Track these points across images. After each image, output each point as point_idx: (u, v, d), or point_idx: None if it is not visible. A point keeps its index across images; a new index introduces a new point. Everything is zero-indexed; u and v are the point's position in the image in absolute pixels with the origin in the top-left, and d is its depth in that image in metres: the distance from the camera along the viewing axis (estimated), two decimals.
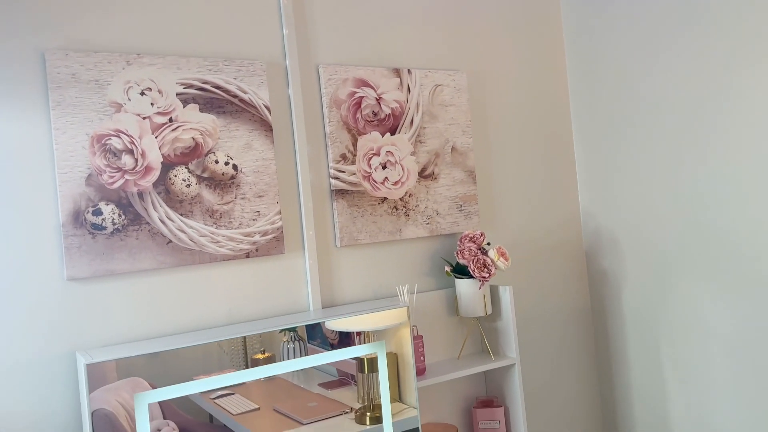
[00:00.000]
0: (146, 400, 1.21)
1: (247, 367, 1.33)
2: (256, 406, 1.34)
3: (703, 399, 1.80)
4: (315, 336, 1.44)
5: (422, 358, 1.64)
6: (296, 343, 1.40)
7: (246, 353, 1.34)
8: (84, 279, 1.32)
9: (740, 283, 1.69)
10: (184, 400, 1.25)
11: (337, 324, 1.46)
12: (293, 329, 1.40)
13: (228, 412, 1.31)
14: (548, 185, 2.06)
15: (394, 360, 1.55)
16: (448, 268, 1.75)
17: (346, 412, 1.45)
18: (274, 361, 1.37)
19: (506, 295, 1.74)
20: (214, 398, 1.29)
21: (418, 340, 1.64)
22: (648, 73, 1.86)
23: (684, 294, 1.83)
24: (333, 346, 1.47)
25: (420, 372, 1.63)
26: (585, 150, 2.09)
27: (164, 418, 1.22)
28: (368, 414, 1.48)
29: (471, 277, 1.71)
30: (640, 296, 1.95)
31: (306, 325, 1.42)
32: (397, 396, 1.53)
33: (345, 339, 1.49)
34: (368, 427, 1.47)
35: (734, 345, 1.71)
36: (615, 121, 1.98)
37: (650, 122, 1.87)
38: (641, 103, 1.89)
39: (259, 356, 1.36)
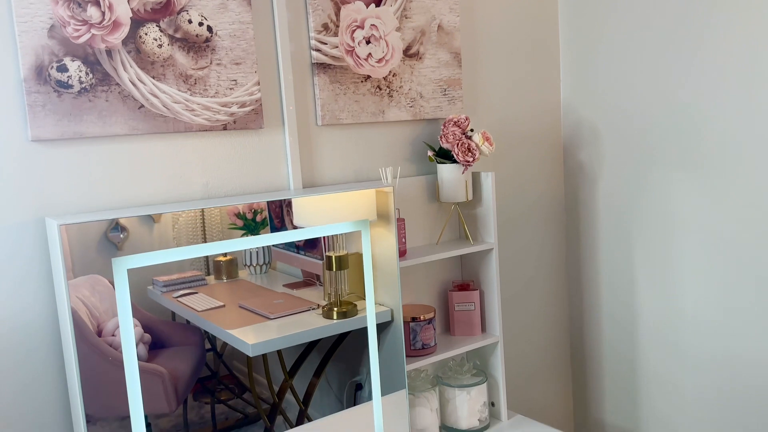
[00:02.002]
0: (125, 266, 1.17)
1: (209, 272, 1.30)
2: (221, 304, 1.33)
3: (672, 290, 1.87)
4: None
5: (404, 240, 1.63)
6: (260, 247, 1.37)
7: (207, 256, 1.31)
8: (50, 141, 1.23)
9: (716, 176, 1.71)
10: (145, 299, 1.22)
11: (306, 218, 1.41)
12: (256, 232, 1.36)
13: (192, 309, 1.29)
14: (532, 75, 2.01)
15: (361, 260, 1.54)
16: (431, 153, 1.72)
17: (313, 308, 1.46)
18: (236, 265, 1.34)
19: (488, 181, 1.72)
20: (177, 297, 1.27)
21: (400, 222, 1.63)
22: None
23: (659, 187, 1.85)
24: (299, 249, 1.44)
25: (401, 254, 1.62)
26: (570, 40, 2.03)
27: None
28: (335, 309, 1.48)
29: (454, 162, 1.69)
30: (614, 189, 1.97)
31: (271, 229, 1.37)
32: (363, 293, 1.53)
33: (312, 241, 1.47)
34: (335, 321, 1.48)
35: (706, 237, 1.76)
36: (601, 10, 1.91)
37: (638, 13, 1.82)
38: None
39: (222, 258, 1.33)
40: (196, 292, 1.29)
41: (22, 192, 1.21)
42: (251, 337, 1.35)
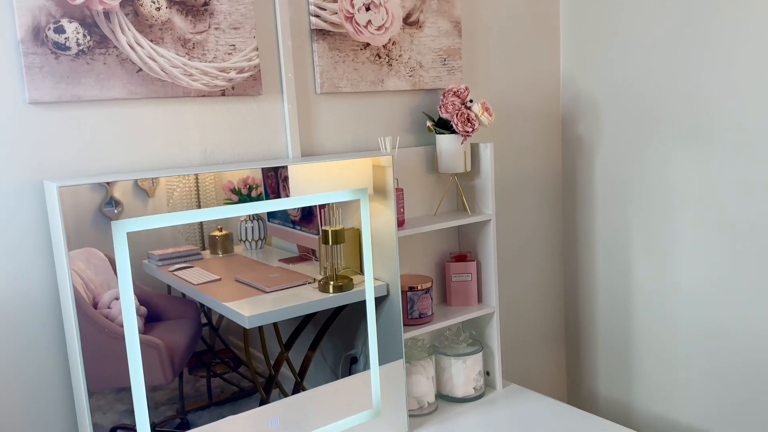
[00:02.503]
0: (124, 229, 1.17)
1: (204, 247, 1.30)
2: (217, 277, 1.32)
3: (668, 262, 1.88)
4: (275, 214, 1.41)
5: (402, 210, 1.64)
6: (255, 222, 1.37)
7: (202, 230, 1.30)
8: (48, 103, 1.22)
9: (715, 150, 1.72)
10: (141, 273, 1.21)
11: (303, 200, 1.41)
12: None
13: (188, 282, 1.29)
14: (532, 47, 2.00)
15: (357, 235, 1.54)
16: (430, 123, 1.72)
17: (309, 282, 1.46)
18: (232, 240, 1.34)
19: (487, 152, 1.72)
20: (173, 270, 1.27)
21: (398, 192, 1.63)
22: None
23: (657, 160, 1.86)
24: (295, 224, 1.44)
25: (400, 224, 1.63)
26: (570, 11, 2.01)
27: None
28: (331, 283, 1.49)
29: (453, 132, 1.68)
30: (612, 162, 1.98)
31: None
32: (359, 268, 1.54)
33: (308, 216, 1.46)
34: (331, 294, 1.48)
35: (703, 210, 1.77)
36: None
37: None
38: None
39: (217, 233, 1.32)
40: (192, 266, 1.29)
41: (19, 154, 1.21)
42: (247, 309, 1.35)
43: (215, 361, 1.34)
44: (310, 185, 1.43)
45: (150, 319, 1.24)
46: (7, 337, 1.22)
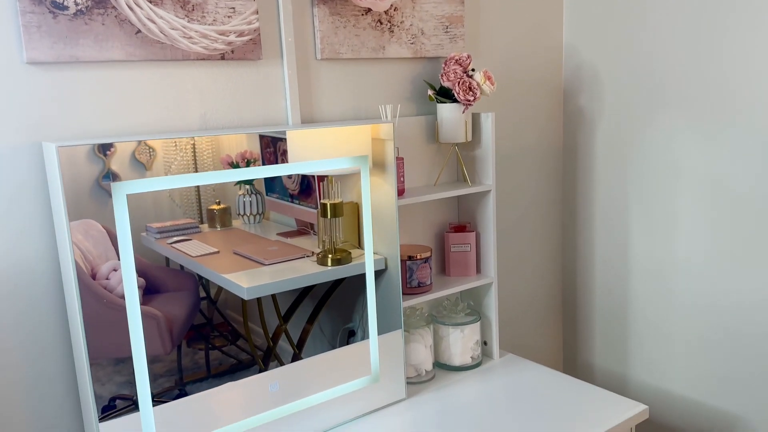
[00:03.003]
0: (124, 191, 1.16)
1: (202, 220, 1.29)
2: (216, 250, 1.32)
3: (667, 235, 1.88)
4: (273, 188, 1.40)
5: (402, 179, 1.63)
6: (253, 196, 1.37)
7: (200, 204, 1.30)
8: (46, 63, 1.20)
9: (717, 122, 1.71)
10: (139, 245, 1.21)
11: (303, 166, 1.40)
12: (250, 182, 1.35)
13: (186, 254, 1.29)
14: (534, 16, 1.97)
15: (355, 210, 1.54)
16: (431, 92, 1.70)
17: (308, 256, 1.46)
18: (230, 214, 1.34)
19: (488, 121, 1.71)
20: (171, 243, 1.27)
21: (399, 161, 1.62)
22: None
23: (658, 132, 1.85)
24: (293, 198, 1.44)
25: (400, 193, 1.62)
26: None
27: (119, 259, 1.18)
28: (330, 256, 1.49)
29: (454, 101, 1.67)
30: (613, 133, 1.97)
31: (264, 178, 1.36)
32: (357, 242, 1.53)
33: (306, 189, 1.45)
34: (330, 267, 1.49)
35: (703, 183, 1.77)
36: None
37: None
38: None
39: (215, 207, 1.31)
40: (190, 239, 1.29)
41: (17, 115, 1.19)
42: (246, 281, 1.36)
43: (214, 334, 1.34)
44: (312, 148, 1.42)
45: (148, 291, 1.24)
46: (8, 302, 1.23)
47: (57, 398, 1.30)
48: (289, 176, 1.42)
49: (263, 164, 1.35)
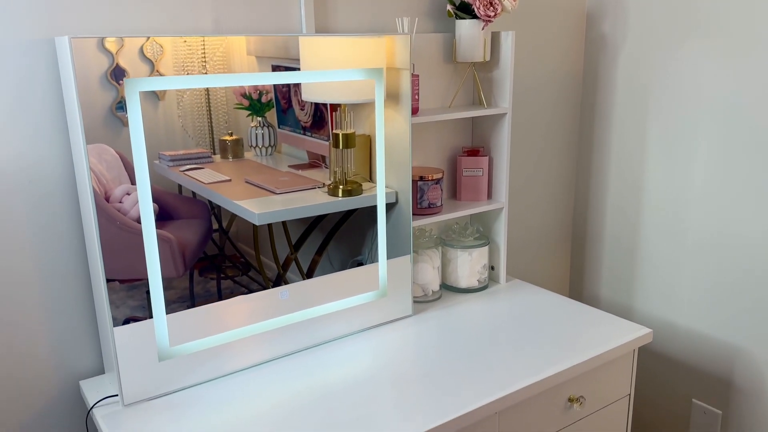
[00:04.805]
0: (137, 88, 1.14)
1: (214, 151, 1.29)
2: (228, 178, 1.32)
3: (682, 169, 1.85)
4: (286, 121, 1.38)
5: (417, 97, 1.60)
6: (265, 128, 1.35)
7: (213, 136, 1.29)
8: None
9: (741, 52, 1.65)
10: (151, 172, 1.20)
11: (314, 92, 1.37)
12: (262, 114, 1.33)
13: (199, 181, 1.29)
14: None
15: (367, 142, 1.51)
16: (450, 7, 1.64)
17: (319, 187, 1.45)
18: (242, 145, 1.33)
19: (507, 41, 1.66)
20: (184, 170, 1.26)
21: (414, 78, 1.58)
22: None
23: (683, 65, 1.79)
24: (305, 130, 1.41)
25: (414, 111, 1.59)
26: None
27: (132, 183, 1.18)
28: (341, 187, 1.48)
29: (474, 17, 1.61)
30: (635, 63, 1.91)
31: (277, 111, 1.33)
32: (368, 176, 1.51)
33: (319, 121, 1.43)
34: (340, 198, 1.47)
35: (723, 122, 1.72)
36: None
37: None
38: None
39: (227, 138, 1.31)
40: (203, 167, 1.29)
41: (30, 10, 1.16)
42: (257, 208, 1.37)
43: (226, 264, 1.36)
44: (325, 60, 1.39)
45: (161, 217, 1.26)
46: (21, 197, 1.23)
47: (75, 306, 1.33)
48: (302, 107, 1.40)
49: (275, 97, 1.34)
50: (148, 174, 1.18)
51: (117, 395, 1.24)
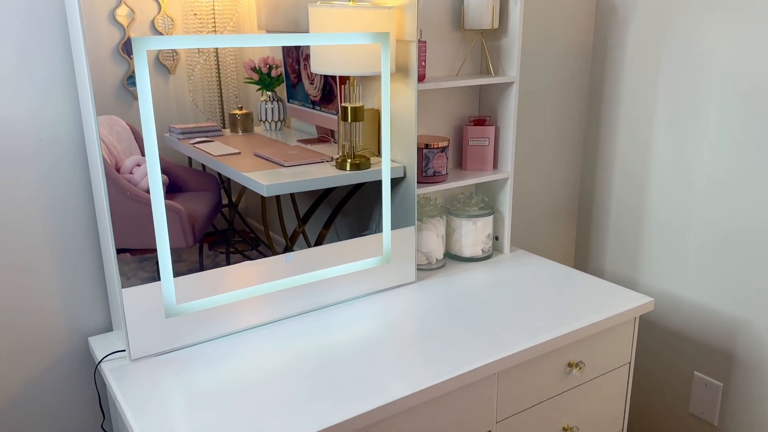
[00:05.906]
0: (145, 47, 1.14)
1: (224, 125, 1.31)
2: (237, 151, 1.34)
3: (691, 142, 1.84)
4: (295, 95, 1.39)
5: (423, 63, 1.59)
6: (275, 103, 1.37)
7: (223, 110, 1.30)
8: None
9: (753, 22, 1.62)
10: (162, 145, 1.21)
11: (322, 64, 1.38)
12: (271, 89, 1.35)
13: (209, 153, 1.30)
14: None
15: (376, 117, 1.50)
16: None
17: (327, 161, 1.46)
18: (252, 119, 1.35)
19: (516, 7, 1.64)
20: (194, 143, 1.28)
21: (421, 44, 1.57)
22: None
23: (694, 34, 1.76)
24: (314, 104, 1.42)
25: (420, 78, 1.59)
26: None
27: (143, 155, 1.19)
28: (349, 161, 1.48)
29: None
30: (645, 34, 1.88)
31: (286, 85, 1.35)
32: (377, 150, 1.51)
33: (328, 95, 1.43)
34: (348, 172, 1.48)
35: (733, 82, 1.70)
36: None
37: None
38: None
39: (237, 112, 1.32)
40: (212, 141, 1.31)
41: None
42: (265, 180, 1.38)
43: (235, 238, 1.37)
44: (332, 28, 1.38)
45: (171, 189, 1.27)
46: (32, 159, 1.25)
47: (82, 252, 1.35)
48: (311, 81, 1.41)
49: (285, 72, 1.35)
50: (155, 137, 1.19)
51: (124, 350, 1.27)
